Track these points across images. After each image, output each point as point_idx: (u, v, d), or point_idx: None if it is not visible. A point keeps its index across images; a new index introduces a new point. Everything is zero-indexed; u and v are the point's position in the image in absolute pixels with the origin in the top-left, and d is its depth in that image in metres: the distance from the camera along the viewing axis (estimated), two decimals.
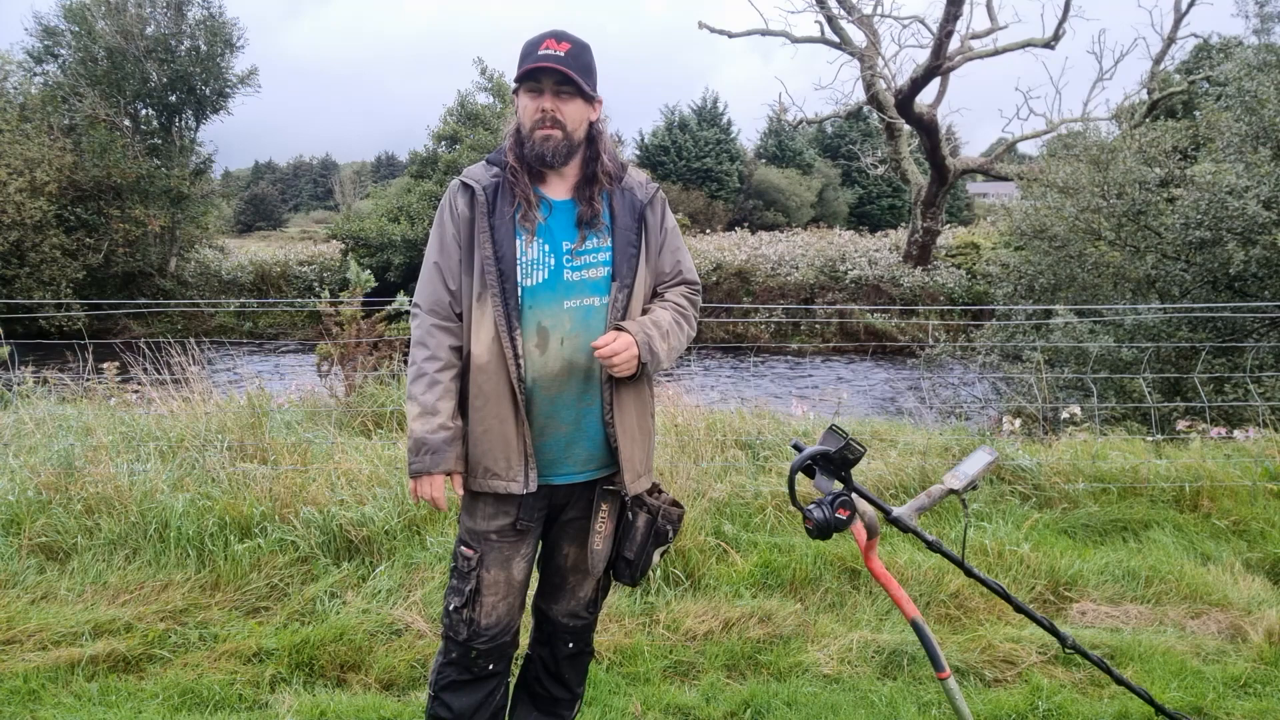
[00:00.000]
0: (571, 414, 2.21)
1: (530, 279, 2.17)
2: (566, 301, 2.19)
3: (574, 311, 2.19)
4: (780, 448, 5.12)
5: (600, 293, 2.22)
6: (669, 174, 41.02)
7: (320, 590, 3.59)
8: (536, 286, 2.17)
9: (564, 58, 2.16)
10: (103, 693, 3.00)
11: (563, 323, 2.18)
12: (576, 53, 2.19)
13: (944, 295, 20.66)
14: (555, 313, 2.18)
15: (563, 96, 2.18)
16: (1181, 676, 3.10)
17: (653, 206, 2.32)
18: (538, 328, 2.17)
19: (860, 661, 3.23)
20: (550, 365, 2.17)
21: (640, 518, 2.31)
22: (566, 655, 2.45)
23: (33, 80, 24.16)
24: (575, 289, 2.20)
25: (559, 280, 2.19)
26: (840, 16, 20.54)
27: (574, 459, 2.25)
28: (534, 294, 2.17)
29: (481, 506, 2.24)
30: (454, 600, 2.26)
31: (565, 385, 2.19)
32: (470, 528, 2.27)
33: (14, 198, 19.61)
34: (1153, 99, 20.53)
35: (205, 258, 25.64)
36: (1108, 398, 7.57)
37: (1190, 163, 11.95)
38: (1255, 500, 4.58)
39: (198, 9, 25.13)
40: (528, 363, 2.16)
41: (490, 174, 2.23)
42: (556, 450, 2.23)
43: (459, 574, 2.27)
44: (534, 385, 2.18)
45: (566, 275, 2.19)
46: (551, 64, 2.14)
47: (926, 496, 2.22)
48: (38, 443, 4.67)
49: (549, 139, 2.18)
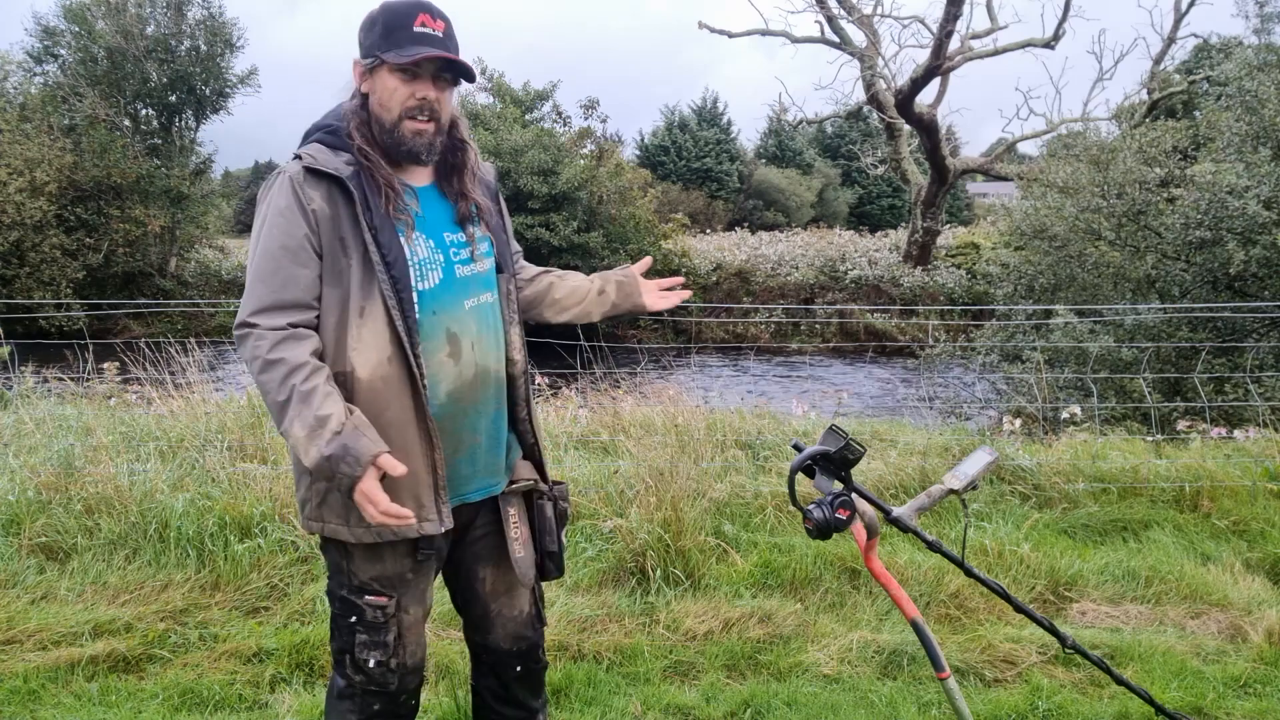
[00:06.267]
0: (484, 423, 1.99)
1: (426, 280, 1.89)
2: (466, 301, 1.95)
3: (474, 311, 1.96)
4: (780, 448, 5.12)
5: (490, 287, 2.02)
6: (669, 174, 41.03)
7: (320, 590, 3.59)
8: (435, 289, 1.90)
9: (445, 40, 1.88)
10: (103, 693, 3.00)
11: (468, 326, 1.94)
12: (450, 32, 1.90)
13: (944, 295, 20.66)
14: (459, 315, 1.93)
15: (441, 85, 1.90)
16: (1181, 676, 3.10)
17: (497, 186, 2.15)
18: (447, 334, 1.91)
19: (860, 661, 3.23)
20: (465, 374, 1.93)
21: (547, 507, 2.14)
22: (515, 678, 2.20)
23: (33, 80, 24.20)
24: (470, 285, 1.96)
25: (453, 278, 1.93)
26: (840, 16, 20.57)
27: (487, 471, 2.03)
28: (434, 297, 1.90)
29: (390, 548, 1.92)
30: (372, 655, 1.94)
31: (478, 393, 1.97)
32: (378, 574, 1.93)
33: (14, 198, 19.60)
34: (1153, 99, 20.55)
35: (205, 258, 25.63)
36: (1108, 398, 7.57)
37: (1190, 163, 11.94)
38: (1255, 500, 4.58)
39: (198, 9, 25.15)
40: (439, 377, 1.90)
41: (342, 159, 1.85)
42: (472, 465, 2.00)
43: (370, 626, 1.93)
44: (447, 400, 1.92)
45: (459, 271, 1.94)
46: (439, 50, 1.85)
47: (926, 496, 2.21)
48: (38, 443, 4.67)
49: (421, 134, 1.89)
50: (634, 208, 22.20)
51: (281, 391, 1.74)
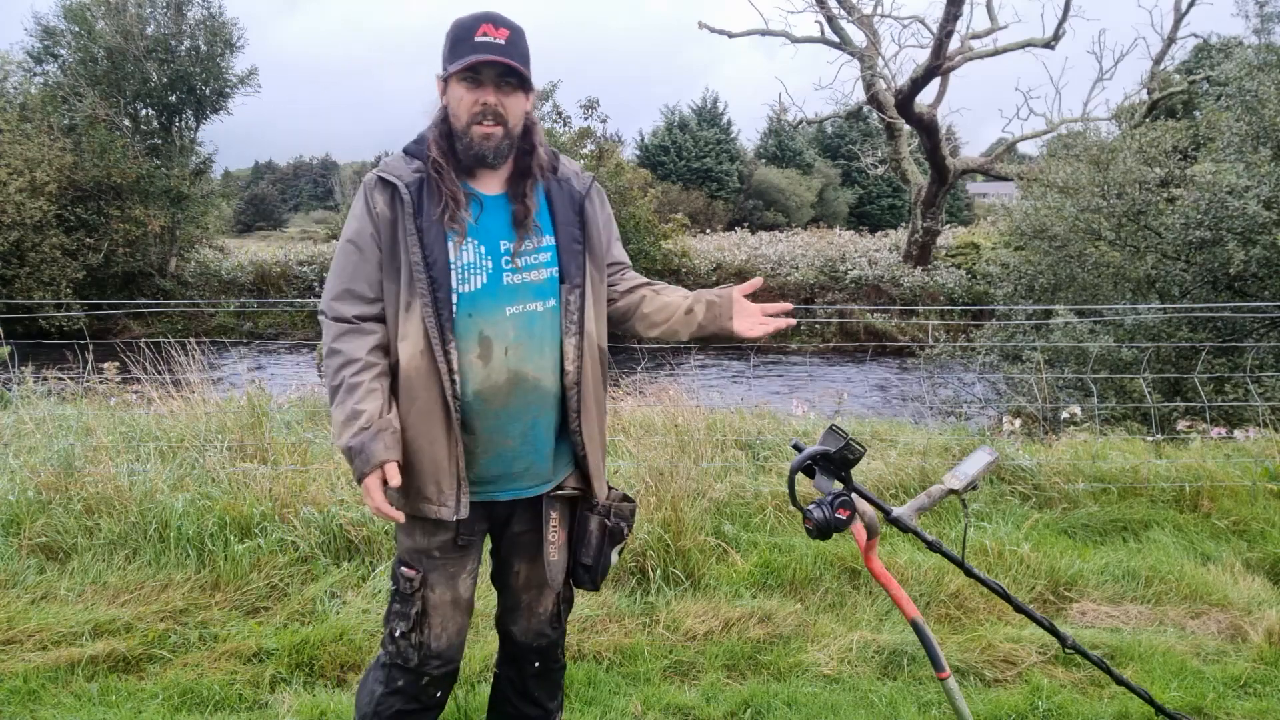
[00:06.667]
0: (518, 428, 2.05)
1: (468, 284, 1.99)
2: (508, 308, 2.01)
3: (516, 318, 2.02)
4: (780, 448, 5.12)
5: (544, 297, 2.05)
6: (669, 174, 41.04)
7: (320, 590, 3.59)
8: (476, 292, 1.99)
9: (505, 47, 1.96)
10: (103, 693, 3.00)
11: (506, 331, 2.00)
12: (515, 39, 1.99)
13: (944, 295, 20.65)
14: (497, 320, 2.00)
15: (505, 90, 1.99)
16: (1181, 676, 3.10)
17: (590, 198, 2.14)
18: (480, 337, 1.99)
19: (860, 661, 3.23)
20: (495, 377, 2.00)
21: (592, 521, 2.19)
22: (533, 674, 2.31)
23: (33, 80, 24.15)
24: (517, 293, 2.02)
25: (499, 285, 2.01)
26: (840, 16, 20.55)
27: (519, 475, 2.09)
28: (473, 300, 1.99)
29: (421, 523, 2.09)
30: (399, 625, 2.11)
31: (511, 398, 2.02)
32: (410, 546, 2.11)
33: (14, 198, 19.59)
34: (1153, 99, 20.53)
35: (205, 258, 25.61)
36: (1108, 398, 7.56)
37: (1190, 163, 11.94)
38: (1255, 500, 4.58)
39: (198, 9, 25.12)
40: (468, 376, 1.99)
41: (412, 168, 2.02)
42: (500, 467, 2.07)
43: (401, 596, 2.11)
44: (475, 399, 2.00)
45: (507, 279, 2.02)
46: (495, 56, 1.94)
47: (926, 496, 2.22)
48: (38, 443, 4.67)
49: (489, 137, 1.99)
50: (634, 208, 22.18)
51: (335, 379, 1.99)
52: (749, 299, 2.20)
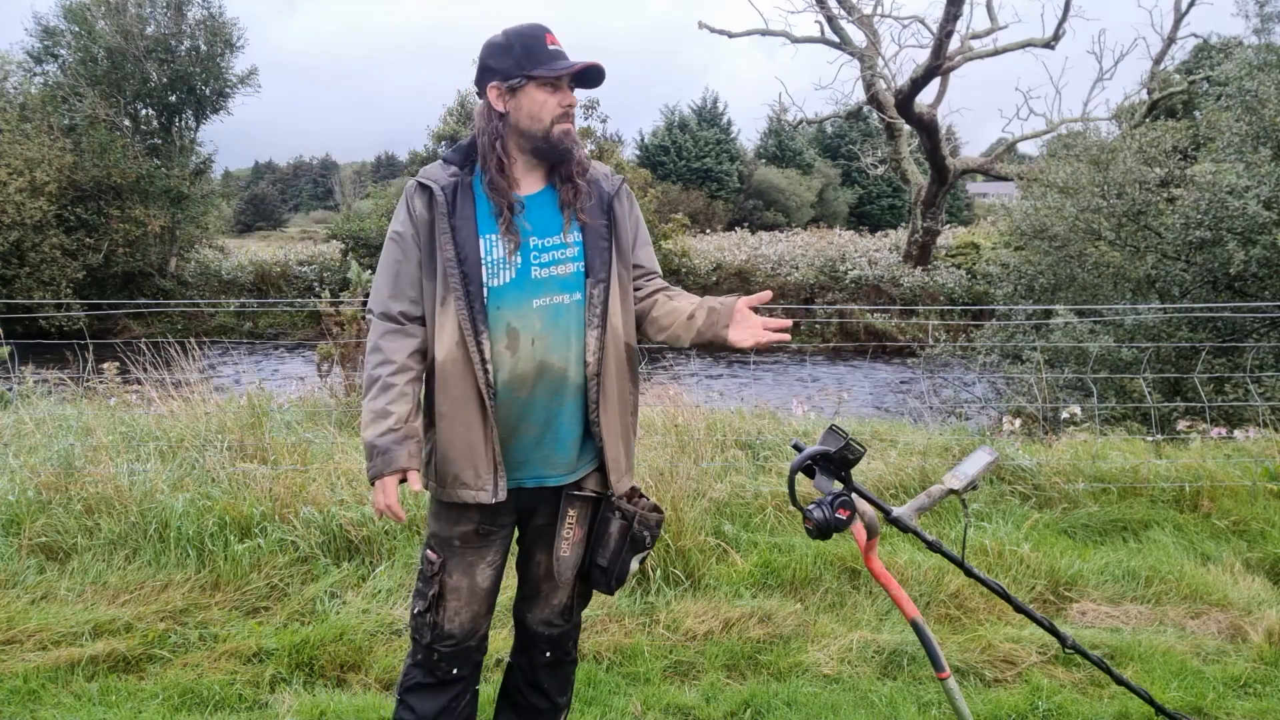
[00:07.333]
0: (542, 416, 2.15)
1: (497, 279, 2.10)
2: (535, 300, 2.12)
3: (543, 310, 2.12)
4: (780, 448, 5.12)
5: (570, 290, 2.15)
6: (669, 174, 41.04)
7: (320, 590, 3.60)
8: (504, 286, 2.10)
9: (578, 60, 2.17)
10: (103, 693, 3.00)
11: (532, 323, 2.11)
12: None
13: (944, 295, 20.65)
14: (524, 312, 2.11)
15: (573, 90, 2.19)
16: (1181, 676, 3.10)
17: (619, 198, 2.25)
18: (507, 328, 2.10)
19: (860, 661, 3.23)
20: (521, 366, 2.11)
21: (613, 523, 2.24)
22: (544, 664, 2.39)
23: (33, 80, 24.14)
24: (544, 286, 2.13)
25: (526, 278, 2.12)
26: (840, 16, 20.54)
27: (541, 462, 2.19)
28: (501, 294, 2.10)
29: (448, 512, 2.20)
30: (418, 604, 2.24)
31: (536, 386, 2.13)
32: (435, 532, 2.24)
33: (14, 198, 19.59)
34: (1153, 99, 20.53)
35: (205, 258, 25.62)
36: (1108, 398, 7.57)
37: (1190, 163, 11.94)
38: (1255, 500, 4.58)
39: (198, 9, 25.14)
40: (497, 365, 2.10)
41: (448, 173, 2.16)
42: (523, 452, 2.17)
43: (423, 577, 2.25)
44: (504, 388, 2.11)
45: (534, 273, 2.12)
46: (588, 62, 2.13)
47: (926, 496, 2.22)
48: (38, 443, 4.67)
49: (569, 133, 2.16)
50: None
51: (373, 375, 2.12)
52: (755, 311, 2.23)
